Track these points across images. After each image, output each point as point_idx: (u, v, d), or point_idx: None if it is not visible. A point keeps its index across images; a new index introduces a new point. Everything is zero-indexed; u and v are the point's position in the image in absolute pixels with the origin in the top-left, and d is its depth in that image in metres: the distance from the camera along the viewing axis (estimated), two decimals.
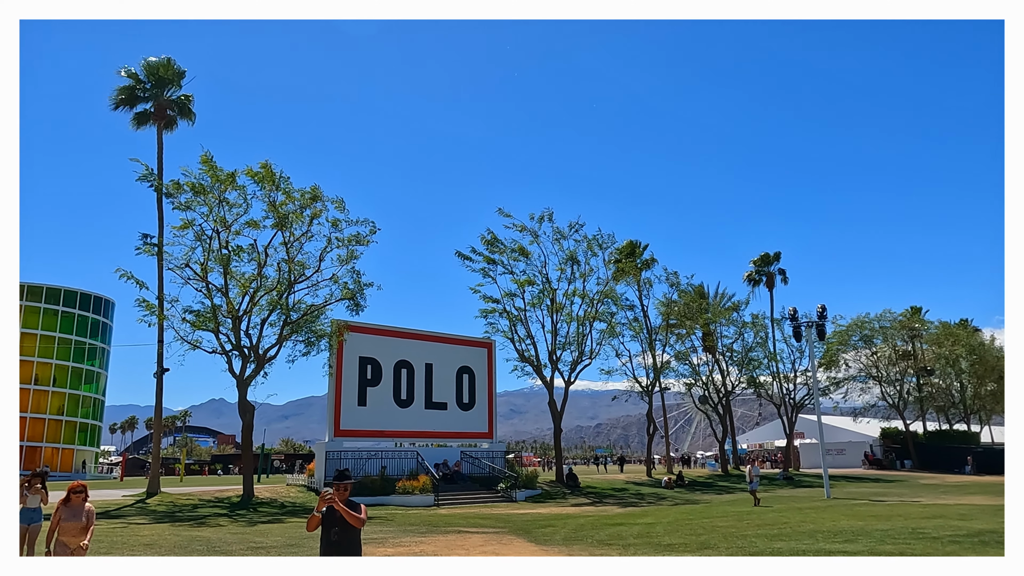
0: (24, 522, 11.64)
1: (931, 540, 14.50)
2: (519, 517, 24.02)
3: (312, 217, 30.28)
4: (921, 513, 21.33)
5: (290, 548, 15.23)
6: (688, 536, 16.96)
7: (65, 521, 8.91)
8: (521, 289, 39.83)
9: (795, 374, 55.62)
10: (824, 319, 33.76)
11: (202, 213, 29.04)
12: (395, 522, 22.08)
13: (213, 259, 29.03)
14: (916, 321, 60.87)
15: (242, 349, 29.62)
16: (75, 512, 8.98)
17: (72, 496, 9.07)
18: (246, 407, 29.76)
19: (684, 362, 51.53)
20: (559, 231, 40.51)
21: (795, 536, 16.10)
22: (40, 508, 12.10)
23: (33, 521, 11.88)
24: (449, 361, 38.93)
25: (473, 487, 34.10)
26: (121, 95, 34.42)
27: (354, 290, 31.34)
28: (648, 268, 51.13)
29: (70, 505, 9.03)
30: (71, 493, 9.10)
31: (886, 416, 63.46)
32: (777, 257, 60.22)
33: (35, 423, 74.35)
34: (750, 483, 28.18)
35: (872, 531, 16.48)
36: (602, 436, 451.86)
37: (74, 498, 9.06)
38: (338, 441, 33.46)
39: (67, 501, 9.06)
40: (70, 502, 9.05)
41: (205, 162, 28.91)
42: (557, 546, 15.78)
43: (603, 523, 21.49)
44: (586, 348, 41.43)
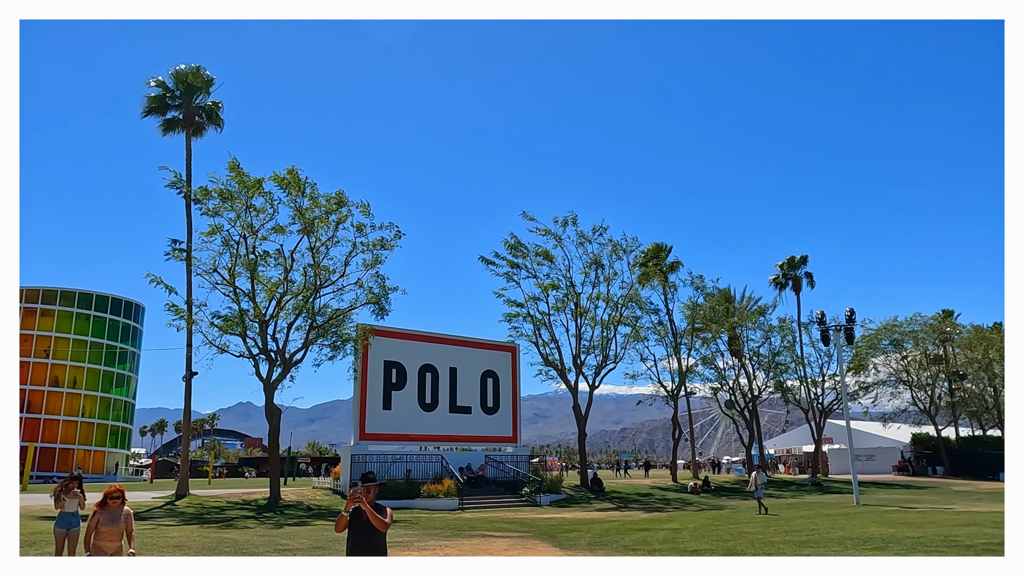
0: (62, 527, 11.35)
1: (964, 548, 14.22)
2: (544, 521, 23.95)
3: (337, 222, 30.54)
4: (954, 520, 20.93)
5: (316, 550, 15.33)
6: (715, 542, 16.80)
7: (103, 525, 8.87)
8: (545, 293, 39.77)
9: (823, 378, 54.92)
10: (852, 323, 33.33)
11: (229, 219, 29.47)
12: (420, 525, 22.13)
13: (240, 264, 29.40)
14: (948, 325, 59.74)
15: (269, 353, 29.93)
16: (113, 516, 8.95)
17: (109, 501, 9.01)
18: (273, 410, 30.05)
19: (710, 366, 51.07)
20: (583, 235, 40.40)
21: (824, 543, 15.87)
22: (78, 513, 11.70)
23: (72, 526, 11.48)
24: (473, 365, 38.99)
25: (497, 491, 34.07)
26: (152, 104, 34.99)
27: (379, 294, 31.54)
28: (673, 271, 50.82)
29: (107, 509, 8.98)
30: (108, 498, 9.04)
31: (917, 421, 62.36)
32: (804, 260, 59.53)
33: (68, 426, 75.72)
34: (755, 490, 27.55)
35: (903, 538, 16.20)
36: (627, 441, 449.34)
37: (111, 503, 9.01)
38: (363, 445, 33.64)
39: (104, 505, 9.01)
40: (107, 506, 9.00)
41: (232, 168, 29.31)
42: (582, 551, 15.70)
43: (628, 528, 21.35)
44: (611, 352, 41.26)
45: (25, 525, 19.37)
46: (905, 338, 57.11)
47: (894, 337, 56.89)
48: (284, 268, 30.19)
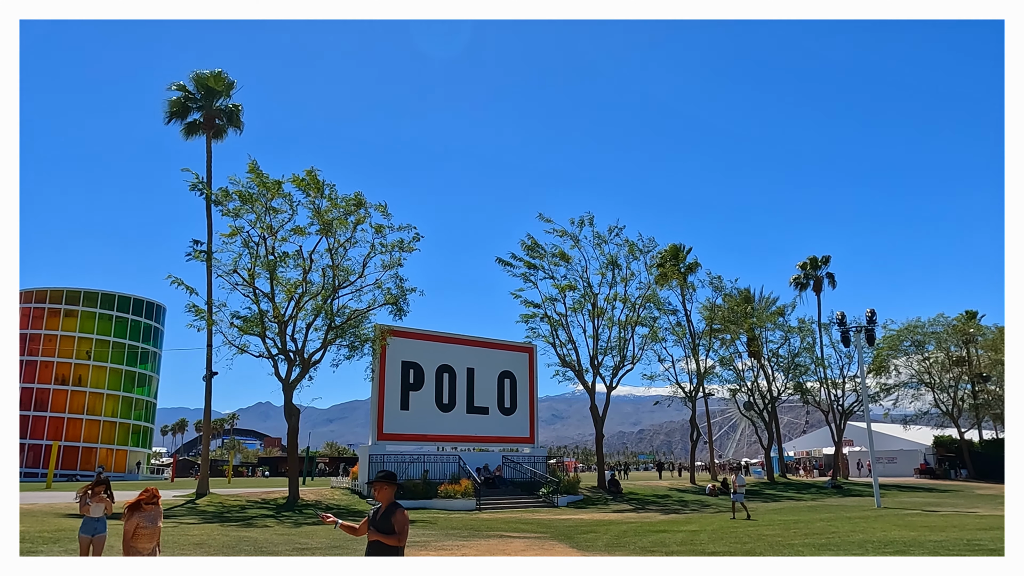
0: (87, 533, 10.57)
1: (988, 552, 14.03)
2: (561, 522, 23.94)
3: (356, 223, 30.71)
4: (977, 524, 20.65)
5: (334, 549, 15.43)
6: (733, 544, 16.70)
7: (143, 528, 8.65)
8: (562, 294, 39.74)
9: (843, 380, 54.38)
10: (874, 324, 33.03)
11: (249, 220, 29.72)
12: (437, 526, 22.20)
13: (260, 265, 29.65)
14: (971, 326, 58.90)
15: (288, 353, 30.16)
16: (151, 517, 8.78)
17: (145, 506, 8.79)
18: (291, 410, 30.28)
19: (728, 367, 50.73)
20: (599, 235, 40.35)
21: (844, 546, 15.73)
22: (104, 518, 10.84)
23: (97, 532, 10.62)
24: (491, 366, 39.04)
25: (515, 492, 34.10)
26: (173, 107, 35.34)
27: (397, 295, 31.67)
28: (692, 272, 50.57)
29: (143, 512, 8.74)
30: (144, 503, 8.80)
31: (939, 424, 61.55)
32: (826, 261, 59.01)
33: (90, 425, 76.70)
34: (733, 493, 25.89)
35: (925, 542, 16.02)
36: (645, 442, 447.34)
37: (147, 508, 8.80)
38: (381, 445, 33.80)
39: (138, 508, 8.75)
40: (142, 510, 8.75)
41: (252, 170, 29.56)
42: (599, 552, 15.67)
43: (646, 530, 21.28)
44: (628, 353, 41.15)
45: (49, 523, 19.67)
46: (927, 339, 56.41)
47: (916, 338, 56.21)
48: (303, 269, 30.41)
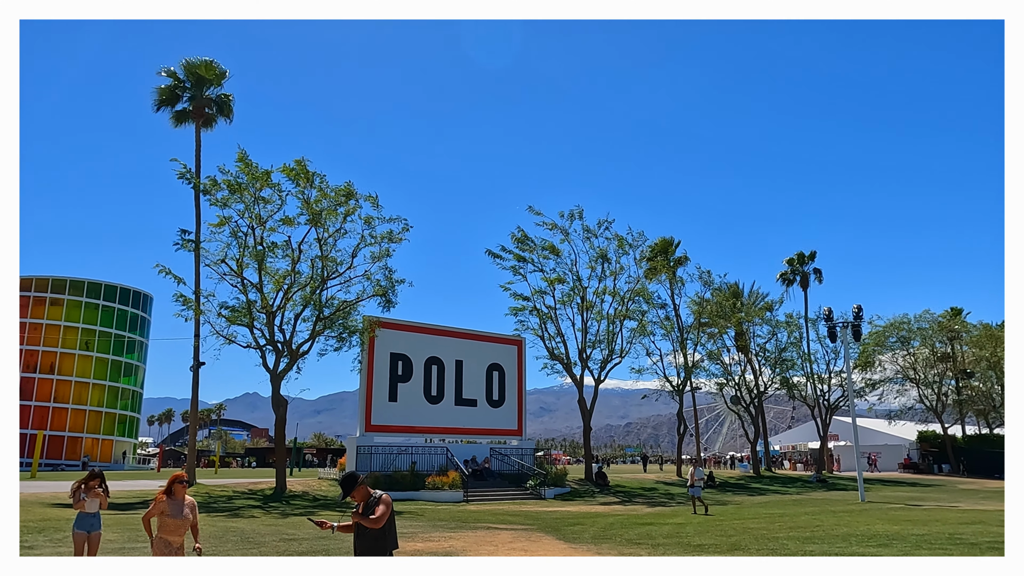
0: (82, 529, 10.24)
1: (969, 546, 14.21)
2: (548, 515, 24.04)
3: (346, 214, 30.61)
4: (960, 519, 20.88)
5: (322, 541, 15.43)
6: (719, 537, 16.83)
7: (169, 517, 8.12)
8: (551, 287, 39.81)
9: (829, 375, 54.75)
10: (860, 319, 33.24)
11: (238, 210, 29.57)
12: (425, 517, 22.24)
13: (248, 255, 29.52)
14: (956, 323, 59.42)
15: (276, 344, 30.08)
16: (178, 506, 8.22)
17: (176, 487, 8.27)
18: (279, 401, 30.22)
19: (716, 362, 51.01)
20: (589, 229, 40.41)
21: (828, 539, 15.88)
22: (99, 513, 10.58)
23: (93, 528, 10.35)
24: (479, 358, 39.08)
25: (502, 484, 34.18)
26: (162, 95, 35.02)
27: (386, 287, 31.64)
28: (681, 266, 50.73)
29: (173, 498, 8.22)
30: (175, 483, 8.30)
31: (923, 419, 62.17)
32: (812, 256, 59.31)
33: (76, 414, 76.24)
34: (690, 487, 25.45)
35: (908, 536, 16.19)
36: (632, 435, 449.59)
37: (177, 489, 8.27)
38: (369, 436, 33.79)
39: (169, 492, 8.24)
40: (173, 494, 8.24)
41: (241, 160, 29.39)
42: (586, 544, 15.76)
43: (632, 522, 21.41)
44: (616, 346, 41.28)
45: (34, 512, 19.58)
46: (913, 335, 56.87)
47: (902, 334, 56.65)
48: (292, 259, 30.31)
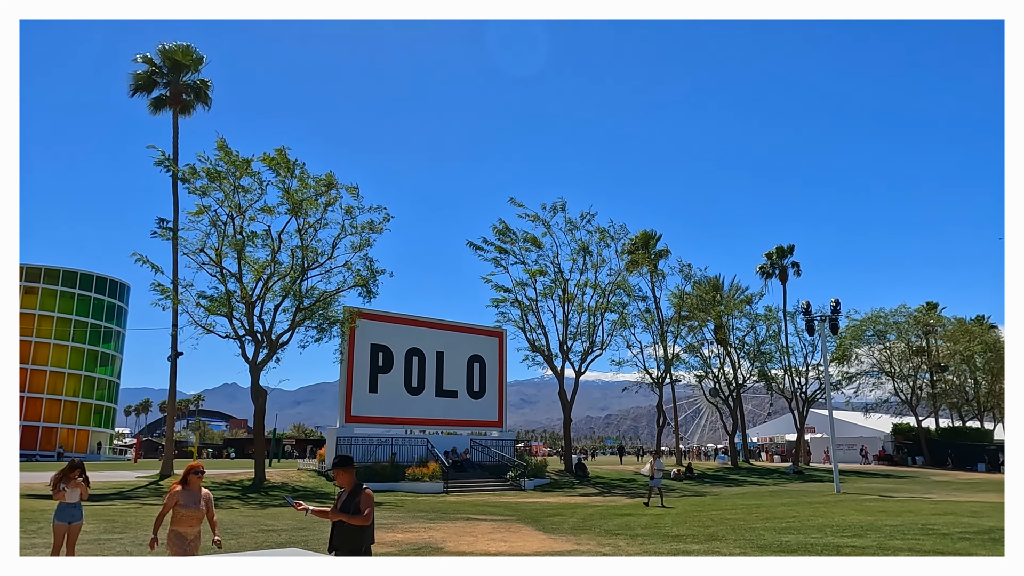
0: (63, 520, 10.15)
1: (941, 536, 14.46)
2: (528, 505, 24.13)
3: (326, 204, 30.41)
4: (932, 510, 21.26)
5: (300, 532, 15.38)
6: (696, 528, 16.99)
7: (184, 508, 7.87)
8: (533, 279, 39.79)
9: (807, 368, 55.38)
10: (838, 313, 33.63)
11: (217, 199, 29.25)
12: (404, 508, 22.25)
13: (228, 245, 29.25)
14: (931, 317, 60.36)
15: (255, 334, 29.86)
16: (193, 497, 8.01)
17: (191, 477, 8.04)
18: (258, 392, 30.02)
19: (695, 354, 51.41)
20: (571, 221, 40.37)
21: (804, 530, 16.09)
22: (80, 504, 10.49)
23: (74, 519, 10.29)
24: (460, 349, 39.05)
25: (482, 475, 34.26)
26: (138, 81, 34.55)
27: (367, 277, 31.49)
28: (662, 259, 50.98)
29: (188, 489, 8.00)
30: (190, 474, 8.07)
31: (898, 412, 63.11)
32: (791, 250, 59.77)
33: (51, 404, 75.24)
34: (651, 478, 24.91)
35: (881, 526, 16.46)
36: (612, 427, 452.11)
37: (193, 480, 8.04)
38: (349, 427, 33.69)
39: (184, 483, 8.00)
40: (188, 485, 8.00)
41: (220, 148, 29.06)
42: (565, 535, 15.84)
43: (611, 513, 21.56)
44: (597, 339, 41.39)
45: None
46: (889, 329, 57.63)
47: (878, 328, 57.38)
48: (272, 249, 30.07)
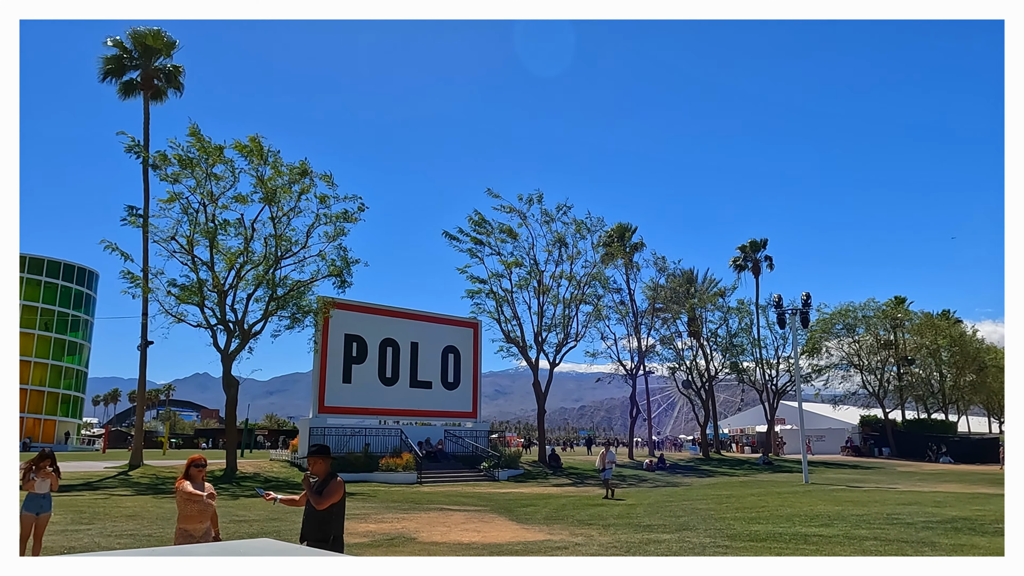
0: (31, 511, 9.95)
1: (905, 526, 14.78)
2: (501, 496, 24.23)
3: (300, 192, 30.08)
4: (897, 500, 21.71)
5: (272, 522, 15.30)
6: (668, 518, 17.19)
7: (192, 503, 7.44)
8: (508, 270, 39.83)
9: (778, 361, 56.12)
10: (808, 307, 34.09)
11: (189, 186, 28.81)
12: (378, 499, 22.21)
13: (199, 232, 28.83)
14: (899, 311, 61.42)
15: (227, 323, 29.52)
16: (199, 489, 7.59)
17: (193, 471, 7.55)
18: (230, 382, 29.72)
19: (669, 346, 51.86)
20: (547, 213, 40.46)
21: (773, 519, 16.35)
22: (50, 495, 10.29)
23: (43, 510, 10.14)
24: (435, 340, 38.98)
25: (456, 466, 34.30)
26: (109, 64, 33.85)
27: (341, 267, 31.24)
28: (637, 252, 51.29)
29: (193, 483, 7.51)
30: (192, 467, 7.57)
31: (866, 404, 64.27)
32: (764, 244, 60.48)
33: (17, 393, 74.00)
34: (602, 471, 24.91)
35: (848, 516, 16.77)
36: (586, 418, 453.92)
37: (195, 473, 7.56)
38: (322, 418, 33.51)
39: (191, 477, 7.52)
40: (192, 479, 7.51)
41: (193, 134, 28.60)
42: (538, 525, 15.94)
43: (584, 503, 21.73)
44: (572, 330, 41.61)
45: None
46: (858, 323, 58.57)
47: (848, 322, 58.28)
48: (244, 238, 29.69)
